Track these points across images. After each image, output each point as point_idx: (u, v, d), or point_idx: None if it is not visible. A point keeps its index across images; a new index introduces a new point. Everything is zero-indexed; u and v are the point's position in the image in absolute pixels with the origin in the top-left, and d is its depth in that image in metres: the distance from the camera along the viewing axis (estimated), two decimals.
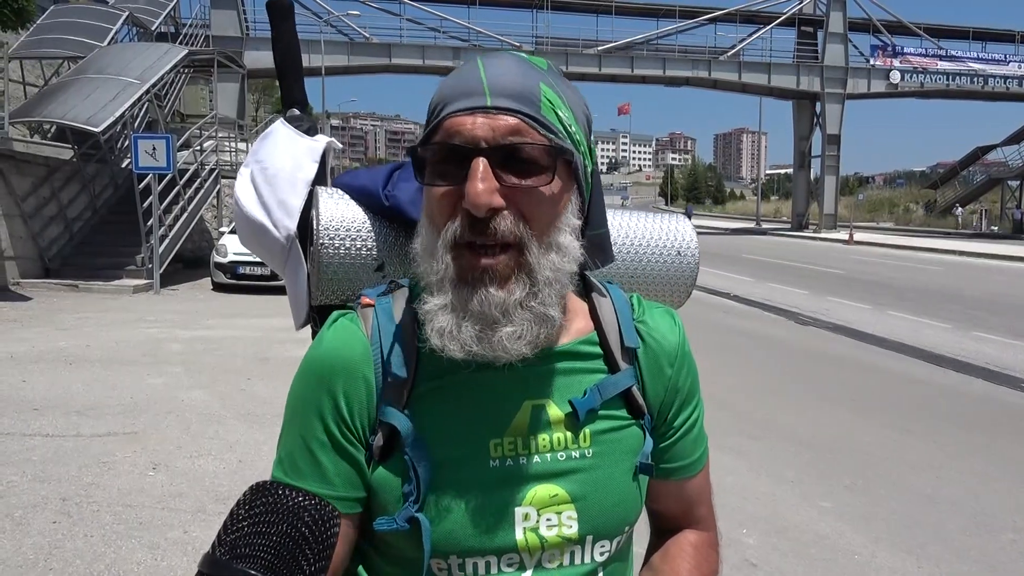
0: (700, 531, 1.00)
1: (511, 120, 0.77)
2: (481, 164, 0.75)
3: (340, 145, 1.32)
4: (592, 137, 0.88)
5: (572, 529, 0.84)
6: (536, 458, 0.84)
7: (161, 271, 12.70)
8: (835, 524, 3.94)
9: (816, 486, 4.49)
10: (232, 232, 13.15)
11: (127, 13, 17.93)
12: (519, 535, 0.83)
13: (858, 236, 31.60)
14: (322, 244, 1.05)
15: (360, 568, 0.90)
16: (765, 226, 45.77)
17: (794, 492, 4.38)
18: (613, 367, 0.89)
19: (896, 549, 3.67)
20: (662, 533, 1.00)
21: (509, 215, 0.77)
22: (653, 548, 1.01)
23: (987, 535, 3.87)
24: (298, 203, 1.17)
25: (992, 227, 39.84)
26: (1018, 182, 40.99)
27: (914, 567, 3.50)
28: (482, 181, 0.74)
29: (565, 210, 0.82)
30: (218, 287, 13.00)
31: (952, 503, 4.27)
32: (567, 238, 0.81)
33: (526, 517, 0.83)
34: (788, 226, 42.94)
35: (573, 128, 0.82)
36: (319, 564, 0.66)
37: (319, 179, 1.21)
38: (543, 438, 0.85)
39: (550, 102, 0.79)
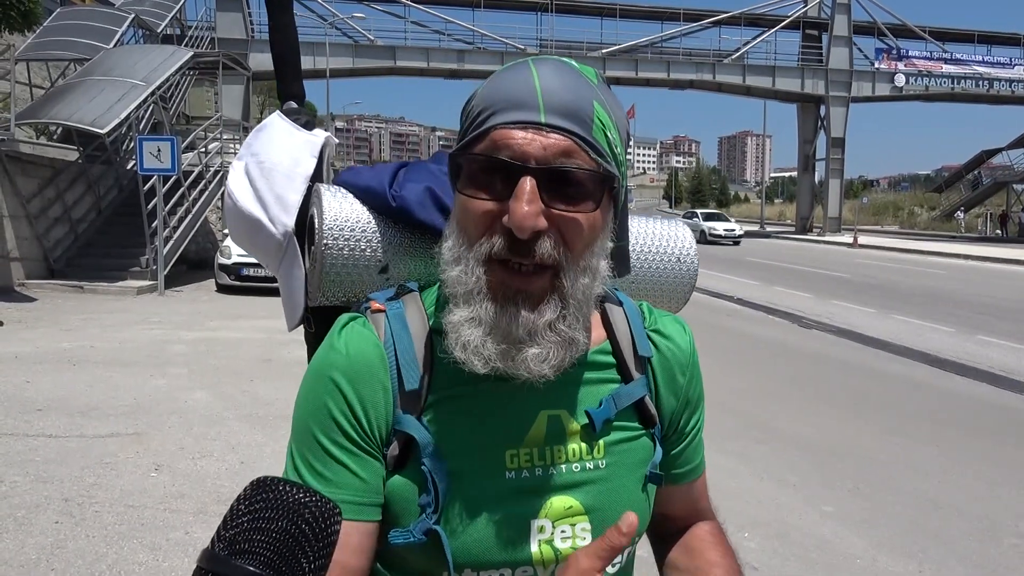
0: (709, 520, 1.01)
1: (563, 141, 0.74)
2: (529, 184, 0.72)
3: (337, 140, 1.29)
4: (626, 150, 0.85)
5: (586, 541, 0.83)
6: (552, 469, 0.83)
7: (165, 272, 12.72)
8: (837, 528, 3.93)
9: (819, 490, 4.48)
10: None
11: (133, 15, 17.96)
12: (534, 548, 0.81)
13: (862, 239, 31.52)
14: (326, 244, 1.01)
15: None
16: (769, 229, 45.69)
17: (796, 496, 4.38)
18: (626, 376, 0.88)
19: (898, 553, 3.66)
20: (667, 534, 1.00)
21: (550, 238, 0.75)
22: (662, 550, 1.00)
23: (990, 540, 3.85)
24: (296, 199, 1.11)
25: (997, 231, 39.72)
26: (1023, 186, 40.89)
27: (916, 571, 3.49)
28: (529, 203, 0.72)
29: (602, 234, 0.80)
30: (222, 289, 13.02)
31: (955, 508, 4.26)
32: (600, 262, 0.80)
33: (541, 529, 0.82)
34: (792, 229, 42.90)
35: (618, 149, 0.79)
36: (319, 562, 0.66)
37: (316, 175, 1.15)
38: (559, 449, 0.83)
39: (602, 123, 0.77)
